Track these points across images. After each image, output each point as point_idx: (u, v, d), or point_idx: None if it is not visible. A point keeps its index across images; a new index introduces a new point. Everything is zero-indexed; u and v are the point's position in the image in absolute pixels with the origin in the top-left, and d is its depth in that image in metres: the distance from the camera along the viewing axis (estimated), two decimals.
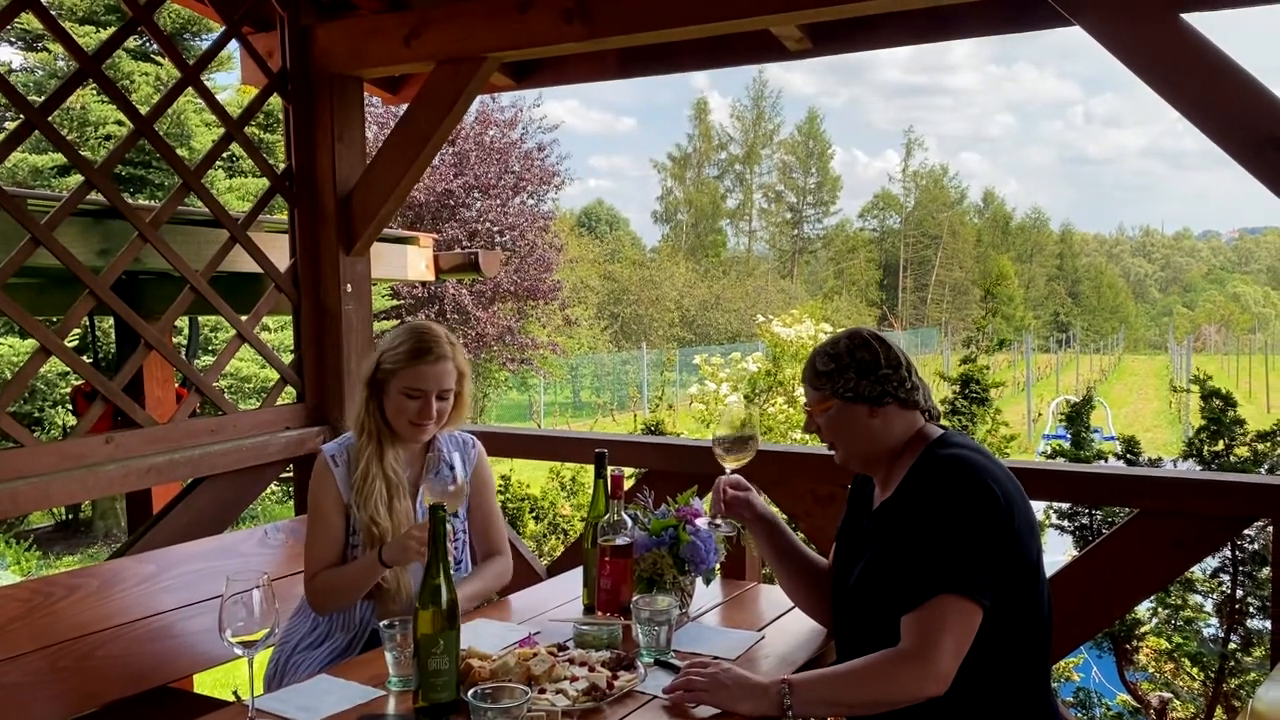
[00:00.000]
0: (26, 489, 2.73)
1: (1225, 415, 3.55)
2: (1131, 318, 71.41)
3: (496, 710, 1.71)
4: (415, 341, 2.55)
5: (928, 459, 2.07)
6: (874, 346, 2.12)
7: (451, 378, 2.57)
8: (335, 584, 2.52)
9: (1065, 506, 3.77)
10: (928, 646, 1.89)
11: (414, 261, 4.73)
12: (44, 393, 12.30)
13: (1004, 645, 1.98)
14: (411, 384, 2.52)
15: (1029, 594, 2.02)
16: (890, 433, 2.12)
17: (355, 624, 2.61)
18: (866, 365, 2.10)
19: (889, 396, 2.10)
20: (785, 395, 10.25)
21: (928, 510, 1.98)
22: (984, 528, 1.94)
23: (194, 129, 14.90)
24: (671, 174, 65.94)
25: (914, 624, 1.93)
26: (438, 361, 2.54)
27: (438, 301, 19.10)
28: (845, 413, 2.13)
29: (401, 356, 2.54)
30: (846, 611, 2.19)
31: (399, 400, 2.54)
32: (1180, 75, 2.42)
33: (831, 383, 2.12)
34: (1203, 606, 3.68)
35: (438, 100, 3.33)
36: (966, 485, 1.97)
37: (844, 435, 2.15)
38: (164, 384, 4.45)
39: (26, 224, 2.75)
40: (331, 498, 2.57)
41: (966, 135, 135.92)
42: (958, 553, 1.92)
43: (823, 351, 2.16)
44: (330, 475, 2.58)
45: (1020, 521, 2.00)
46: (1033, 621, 2.03)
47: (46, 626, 2.61)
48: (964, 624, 1.91)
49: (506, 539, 2.85)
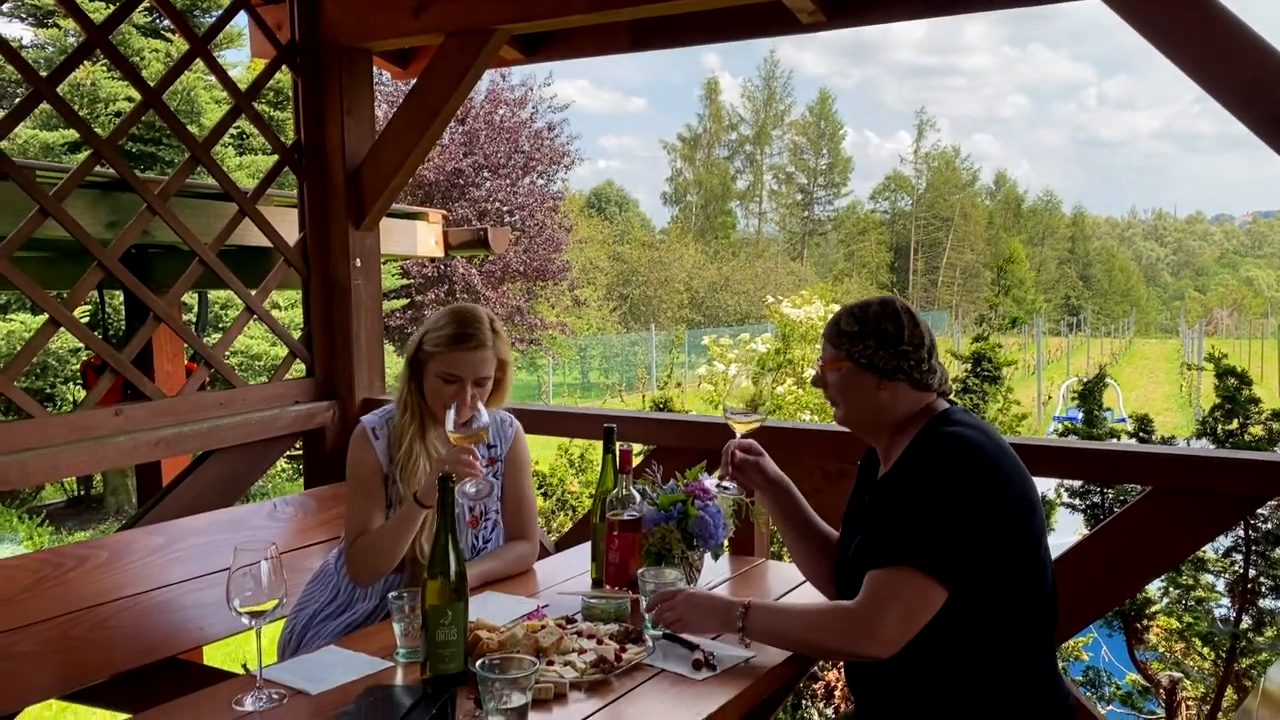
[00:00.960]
0: (36, 460, 2.74)
1: (1240, 394, 3.51)
2: (1143, 301, 71.15)
3: (504, 681, 1.71)
4: (457, 326, 2.51)
5: (927, 435, 2.05)
6: (901, 320, 2.10)
7: (490, 365, 2.54)
8: (375, 543, 2.47)
9: (1077, 485, 3.75)
10: (873, 612, 1.91)
11: (423, 237, 4.72)
12: (55, 369, 12.35)
13: (1004, 622, 1.97)
14: (449, 369, 2.49)
15: (1029, 571, 2.00)
16: (895, 408, 2.11)
17: (380, 594, 2.57)
18: (888, 337, 2.08)
19: (902, 373, 2.08)
20: (794, 376, 10.22)
21: (912, 482, 1.97)
22: (963, 509, 1.91)
23: (203, 105, 14.89)
24: (681, 155, 65.80)
25: (870, 584, 1.94)
26: (477, 349, 2.50)
27: (447, 281, 19.12)
28: (855, 377, 2.11)
29: (442, 340, 2.50)
30: (845, 586, 2.18)
31: (435, 383, 2.51)
32: (1198, 45, 2.38)
33: (850, 344, 2.11)
34: (1214, 586, 3.67)
35: (447, 73, 3.31)
36: (955, 464, 1.94)
37: (848, 398, 2.15)
38: (173, 359, 4.46)
39: (35, 195, 2.75)
40: (372, 467, 2.55)
41: (979, 117, 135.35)
42: (929, 529, 1.91)
43: (850, 312, 2.15)
44: (370, 447, 2.55)
45: (1017, 498, 1.97)
46: (1034, 599, 2.02)
47: (57, 597, 2.62)
48: (917, 598, 1.90)
49: (536, 525, 2.79)
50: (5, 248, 2.71)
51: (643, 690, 1.95)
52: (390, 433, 2.58)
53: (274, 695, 1.91)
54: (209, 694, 1.97)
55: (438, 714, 1.81)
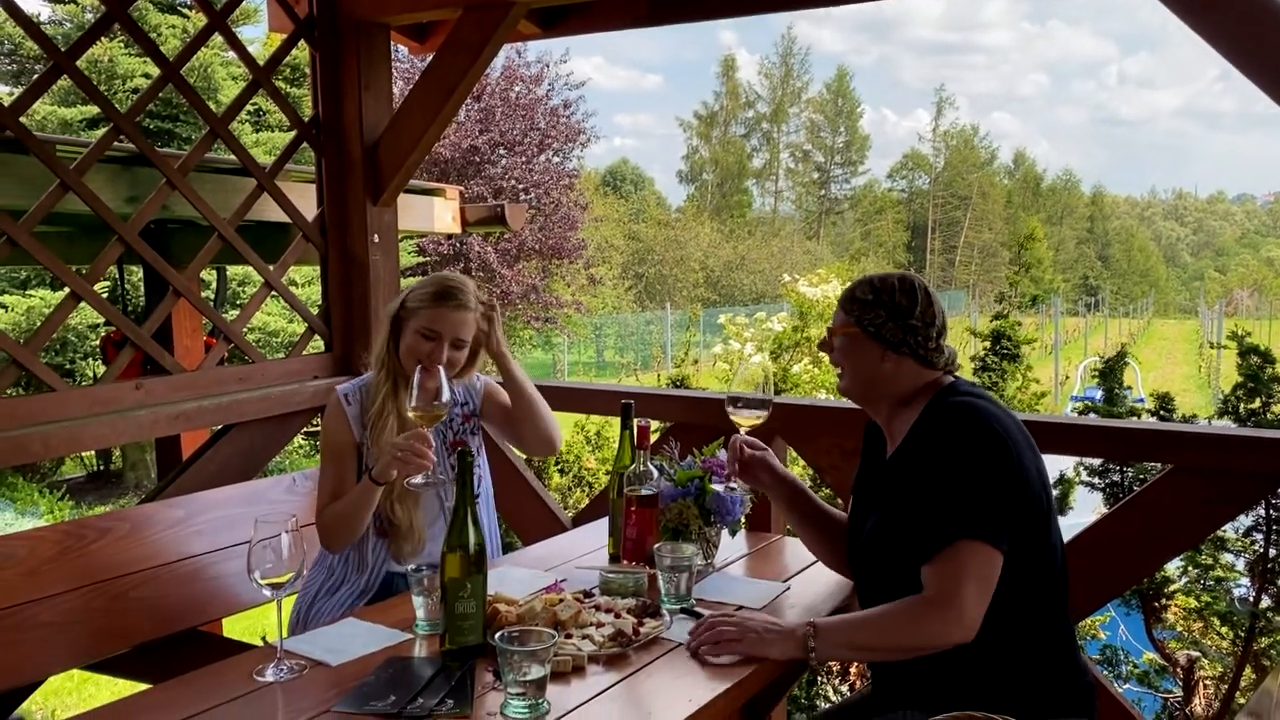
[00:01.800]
0: (58, 432, 2.75)
1: (1263, 373, 3.48)
2: (1162, 282, 70.59)
3: (523, 653, 1.71)
4: (441, 285, 2.55)
5: (936, 406, 2.06)
6: (916, 296, 2.11)
7: (470, 329, 2.56)
8: (337, 514, 2.49)
9: (1096, 463, 3.73)
10: (951, 594, 1.89)
11: (440, 213, 4.72)
12: (75, 345, 12.45)
13: (1018, 592, 1.97)
14: (429, 324, 2.51)
15: (1040, 542, 2.00)
16: (897, 381, 2.12)
17: (368, 565, 2.61)
18: (900, 310, 2.09)
19: (907, 347, 2.09)
20: (811, 355, 10.20)
21: (940, 457, 1.97)
22: (997, 473, 1.93)
23: (220, 82, 14.90)
24: (697, 132, 65.50)
25: (935, 572, 1.92)
26: (458, 309, 2.53)
27: (463, 259, 19.11)
28: (861, 344, 2.12)
29: (426, 297, 2.54)
30: (862, 564, 2.18)
31: (414, 340, 2.52)
32: (1230, 21, 2.34)
33: (861, 311, 2.12)
34: (1234, 565, 3.64)
35: (465, 47, 3.29)
36: (977, 431, 1.96)
37: (851, 364, 2.15)
38: (193, 334, 4.48)
39: (56, 169, 2.75)
40: (344, 436, 2.57)
41: (998, 94, 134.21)
42: (973, 498, 1.91)
43: (868, 281, 2.15)
44: (343, 414, 2.58)
45: (1029, 470, 1.98)
46: (1046, 570, 2.02)
47: (80, 568, 2.65)
48: (985, 569, 1.90)
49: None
50: (27, 222, 2.73)
51: (660, 664, 1.95)
52: (364, 397, 2.60)
53: (295, 666, 1.93)
54: (230, 664, 1.99)
55: (457, 685, 1.83)
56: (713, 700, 1.82)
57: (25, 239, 2.70)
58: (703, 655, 1.97)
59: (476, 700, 1.79)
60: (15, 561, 2.52)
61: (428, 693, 1.80)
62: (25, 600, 2.51)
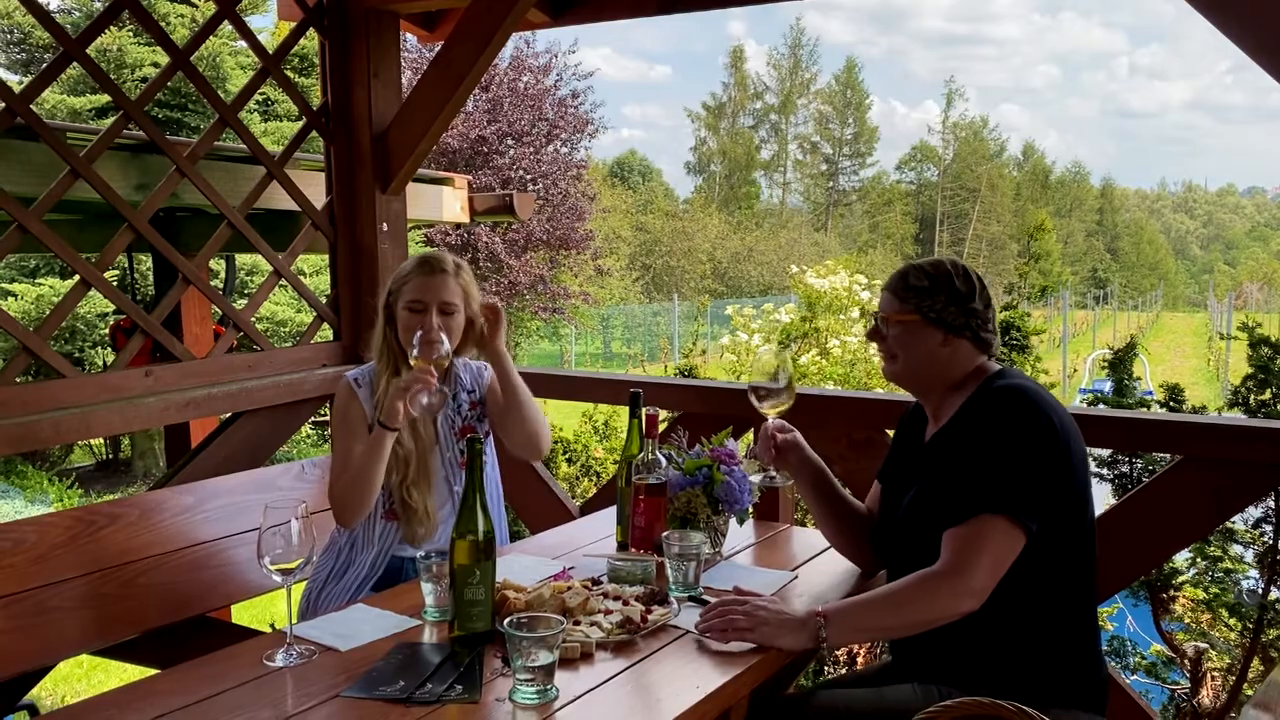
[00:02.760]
0: (68, 419, 2.77)
1: (1274, 364, 3.47)
2: (1171, 274, 70.31)
3: (532, 639, 1.72)
4: (418, 258, 2.63)
5: (986, 390, 2.07)
6: (972, 280, 2.13)
7: (455, 294, 2.58)
8: (350, 478, 2.47)
9: (1106, 454, 3.72)
10: (964, 564, 1.89)
11: (449, 202, 4.72)
12: (84, 333, 12.48)
13: (1048, 576, 1.98)
14: (414, 295, 2.56)
15: (1076, 531, 2.01)
16: (954, 364, 2.12)
17: (375, 547, 2.62)
18: (961, 295, 2.10)
19: (968, 330, 2.10)
20: (819, 346, 10.19)
21: (983, 434, 1.98)
22: (1038, 453, 1.94)
23: (229, 71, 14.90)
24: (705, 124, 65.27)
25: (954, 540, 1.93)
26: (437, 274, 2.58)
27: (471, 249, 19.11)
28: (920, 331, 2.12)
29: (405, 272, 2.62)
30: (895, 542, 2.18)
31: (405, 317, 2.57)
32: (1246, 10, 2.33)
33: (919, 298, 2.12)
34: (1243, 557, 3.63)
35: (474, 36, 3.29)
36: (1025, 412, 1.97)
37: (909, 351, 2.15)
38: (202, 322, 4.49)
39: (66, 156, 2.76)
40: (357, 416, 2.60)
41: (1008, 86, 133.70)
42: (1008, 475, 1.92)
43: (920, 267, 2.15)
44: (355, 397, 2.61)
45: (1076, 453, 2.00)
46: (1079, 560, 2.03)
47: (89, 553, 2.66)
48: (1005, 545, 1.91)
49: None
50: (37, 209, 2.73)
51: (669, 651, 1.96)
52: (373, 382, 2.63)
53: (304, 651, 1.94)
54: (240, 649, 2.00)
55: (465, 671, 1.83)
56: (721, 687, 1.82)
57: (36, 226, 2.71)
58: (709, 640, 1.97)
59: (485, 686, 1.79)
60: (26, 547, 2.53)
61: (436, 678, 1.81)
62: (35, 586, 2.52)
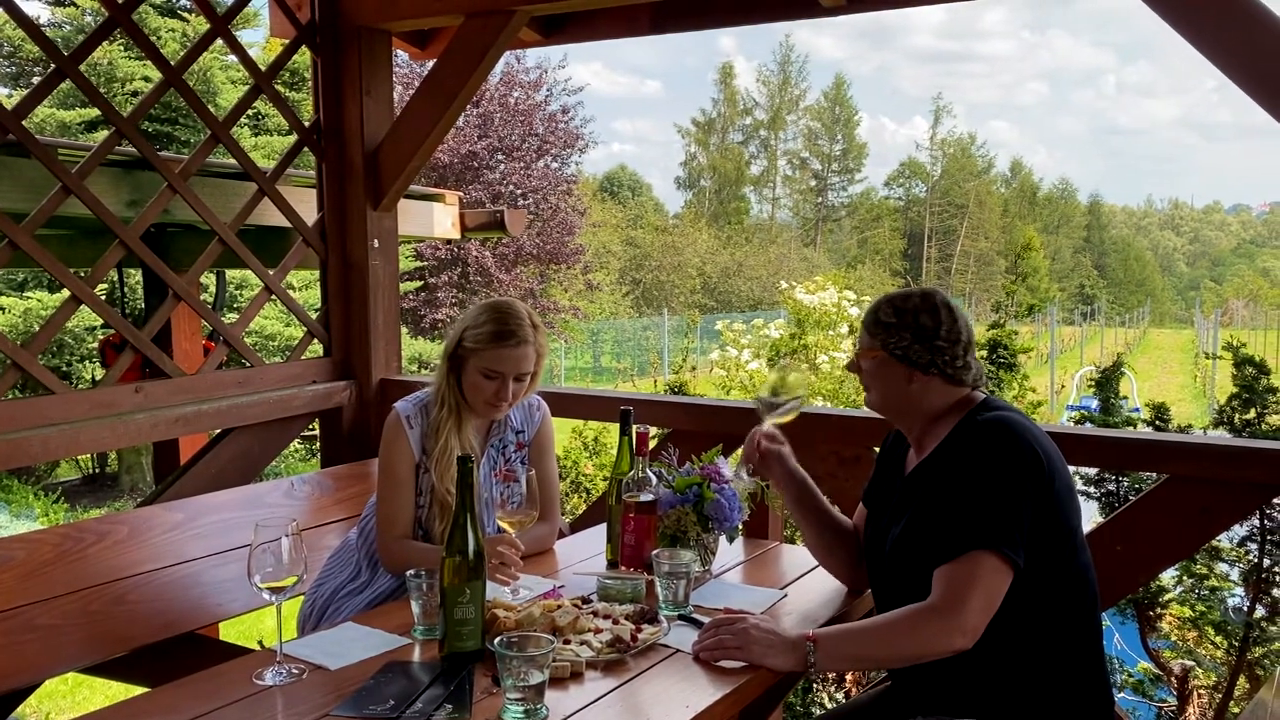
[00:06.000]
0: (57, 435, 2.76)
1: (1258, 383, 3.50)
2: (1158, 291, 70.66)
3: (522, 659, 1.72)
4: (498, 324, 2.53)
5: (969, 423, 2.05)
6: (940, 315, 2.09)
7: (530, 361, 2.57)
8: (416, 561, 2.41)
9: (1092, 472, 3.74)
10: (957, 601, 1.89)
11: (440, 219, 4.73)
12: (72, 347, 12.43)
13: (1041, 606, 1.98)
14: (491, 365, 2.52)
15: (1066, 557, 2.00)
16: (926, 399, 2.11)
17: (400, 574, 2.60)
18: (925, 332, 2.08)
19: (935, 367, 2.08)
20: (808, 362, 10.21)
21: (968, 468, 1.97)
22: (1023, 487, 1.93)
23: (220, 86, 14.91)
24: (695, 139, 65.48)
25: (945, 578, 1.92)
26: (519, 346, 2.53)
27: (461, 264, 19.13)
28: (887, 367, 2.12)
29: (484, 337, 2.53)
30: (885, 576, 2.18)
31: (476, 379, 2.54)
32: (1224, 34, 2.36)
33: (885, 335, 2.11)
34: (1228, 575, 3.66)
35: (466, 54, 3.31)
36: (1008, 445, 1.96)
37: (880, 387, 2.16)
38: (191, 337, 4.48)
39: (58, 172, 2.76)
40: (405, 456, 2.58)
41: (997, 103, 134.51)
42: (994, 510, 1.92)
43: (890, 301, 2.14)
44: (404, 434, 2.58)
45: (1060, 485, 1.99)
46: (1075, 590, 2.02)
47: (78, 571, 2.64)
48: (995, 581, 1.91)
49: (557, 508, 2.81)
50: (29, 225, 2.73)
51: (658, 670, 1.96)
52: (425, 423, 2.60)
53: (294, 670, 1.93)
54: (229, 668, 1.99)
55: (455, 690, 1.83)
56: (710, 707, 1.82)
57: (26, 241, 2.71)
58: (704, 659, 1.98)
59: (475, 705, 1.79)
60: (13, 564, 2.52)
61: (426, 698, 1.81)
62: (23, 603, 2.51)
